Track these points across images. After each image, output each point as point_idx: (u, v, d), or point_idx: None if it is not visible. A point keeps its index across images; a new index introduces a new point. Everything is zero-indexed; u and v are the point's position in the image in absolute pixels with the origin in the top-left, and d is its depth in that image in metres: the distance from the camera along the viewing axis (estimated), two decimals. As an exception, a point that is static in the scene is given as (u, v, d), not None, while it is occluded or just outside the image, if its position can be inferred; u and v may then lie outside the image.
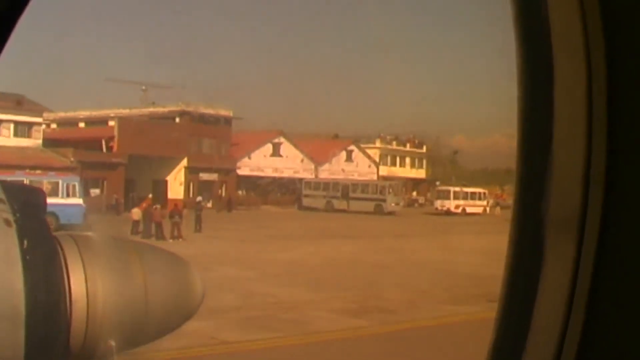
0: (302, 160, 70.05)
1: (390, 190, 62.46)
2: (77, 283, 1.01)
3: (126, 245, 1.10)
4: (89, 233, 1.08)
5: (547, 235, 1.32)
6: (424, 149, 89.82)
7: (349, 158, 75.80)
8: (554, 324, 1.30)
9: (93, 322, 1.02)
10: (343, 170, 72.37)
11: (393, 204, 61.73)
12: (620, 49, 1.23)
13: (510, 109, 1.37)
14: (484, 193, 67.61)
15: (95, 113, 60.83)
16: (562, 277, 1.30)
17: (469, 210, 63.41)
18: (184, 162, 59.05)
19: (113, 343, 1.03)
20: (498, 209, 65.78)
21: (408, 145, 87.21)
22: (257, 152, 66.25)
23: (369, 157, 78.52)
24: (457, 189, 65.40)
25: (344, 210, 60.70)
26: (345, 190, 63.49)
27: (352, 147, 76.66)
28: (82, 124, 62.19)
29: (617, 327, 1.25)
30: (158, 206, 35.97)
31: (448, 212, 62.13)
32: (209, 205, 60.66)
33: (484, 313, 17.42)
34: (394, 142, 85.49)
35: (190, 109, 60.01)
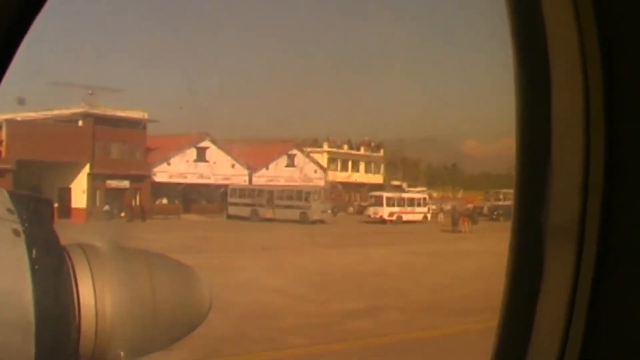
0: (233, 166, 65.28)
1: (316, 197, 57.41)
2: (85, 292, 1.01)
3: (134, 254, 1.10)
4: (97, 242, 1.08)
5: (547, 242, 1.33)
6: (381, 153, 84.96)
7: (290, 163, 70.91)
8: (555, 331, 1.31)
9: (102, 332, 1.02)
10: (282, 176, 67.66)
11: (320, 212, 56.74)
12: (617, 57, 1.26)
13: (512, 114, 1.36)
14: (424, 198, 62.43)
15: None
16: (563, 284, 1.31)
17: (405, 217, 58.30)
18: (87, 168, 54.58)
19: (122, 353, 1.03)
20: (441, 215, 60.84)
21: (362, 148, 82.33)
22: (177, 157, 61.55)
23: (314, 161, 73.61)
24: (391, 194, 60.31)
25: (270, 219, 56.14)
26: (271, 197, 58.69)
27: (294, 151, 71.79)
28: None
29: (619, 333, 1.27)
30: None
31: (382, 220, 57.22)
32: (122, 214, 56.48)
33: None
34: (345, 146, 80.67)
35: (95, 110, 55.45)
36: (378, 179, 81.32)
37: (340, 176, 75.99)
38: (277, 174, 67.98)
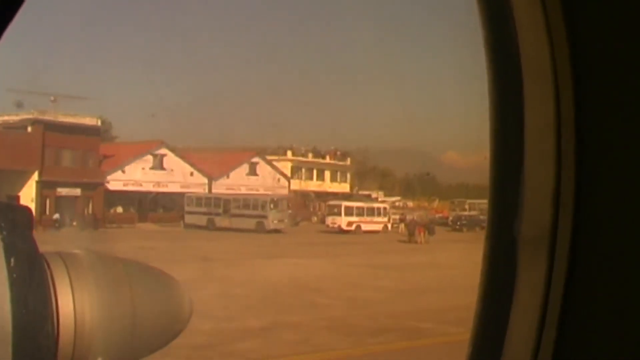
0: (191, 174, 63.93)
1: (272, 206, 56.18)
2: (64, 301, 1.01)
3: (114, 263, 1.10)
4: (77, 251, 1.08)
5: (520, 253, 1.39)
6: (348, 162, 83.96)
7: (252, 171, 69.65)
8: (527, 341, 1.36)
9: (81, 341, 1.01)
10: (244, 184, 66.39)
11: (276, 221, 55.56)
12: (587, 71, 1.31)
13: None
14: (384, 208, 61.33)
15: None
16: (535, 293, 1.37)
17: (365, 227, 57.19)
18: (35, 175, 53.04)
19: None
20: (402, 226, 59.79)
21: (328, 157, 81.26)
22: (133, 164, 60.13)
23: (277, 170, 72.41)
24: (350, 203, 59.18)
25: (227, 229, 54.82)
26: (227, 206, 57.39)
27: (256, 159, 70.55)
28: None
29: (590, 343, 1.32)
30: None
31: (341, 230, 56.10)
32: (74, 223, 54.97)
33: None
34: (310, 154, 79.54)
35: (45, 117, 53.97)
36: (345, 188, 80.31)
37: (304, 185, 74.89)
38: (238, 182, 66.74)
